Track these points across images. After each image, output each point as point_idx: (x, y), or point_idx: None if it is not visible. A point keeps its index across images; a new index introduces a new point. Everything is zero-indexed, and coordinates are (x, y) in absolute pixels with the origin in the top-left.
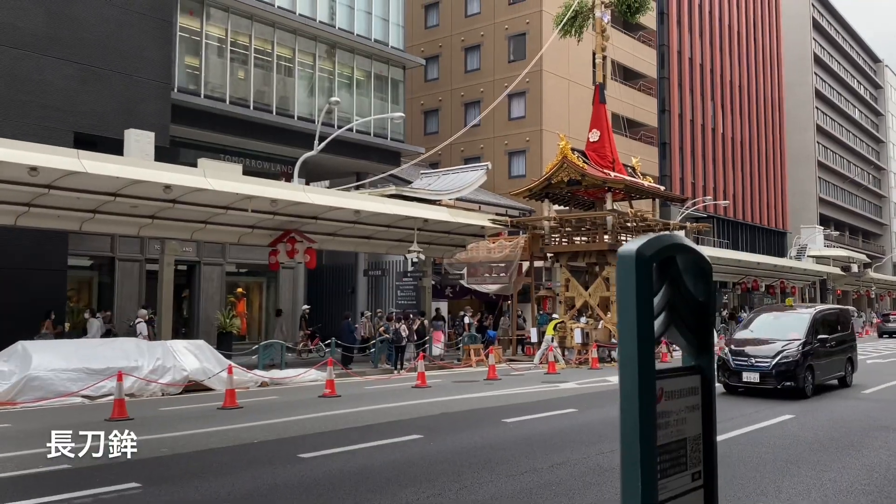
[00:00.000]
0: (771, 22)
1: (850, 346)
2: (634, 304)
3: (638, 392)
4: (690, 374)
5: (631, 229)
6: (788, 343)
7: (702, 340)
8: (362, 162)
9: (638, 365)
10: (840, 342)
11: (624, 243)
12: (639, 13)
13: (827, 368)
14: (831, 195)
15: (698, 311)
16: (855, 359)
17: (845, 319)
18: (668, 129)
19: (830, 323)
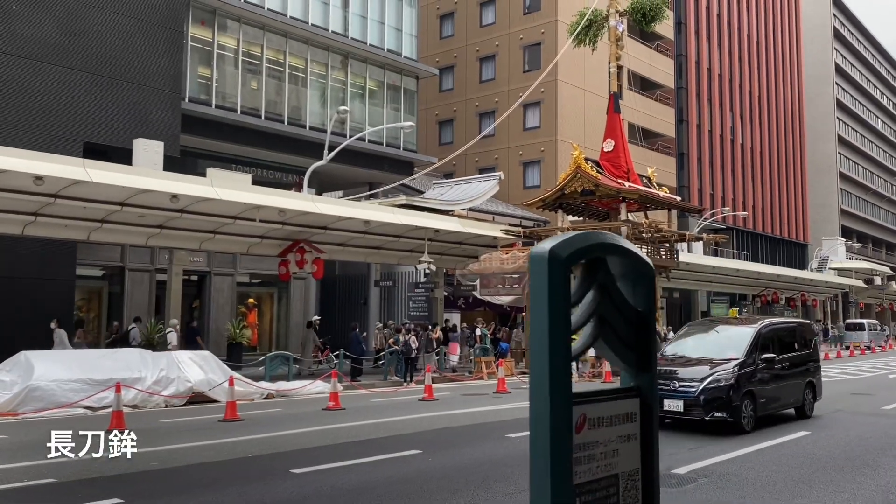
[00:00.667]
0: (791, 31)
1: (810, 369)
2: (547, 313)
3: (549, 419)
4: (626, 398)
5: (646, 240)
6: (723, 364)
7: (641, 357)
8: (375, 172)
9: (549, 386)
10: (797, 363)
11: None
12: (654, 22)
13: (776, 395)
14: (853, 206)
15: (636, 323)
16: (818, 383)
17: (805, 335)
18: (686, 139)
19: (783, 340)
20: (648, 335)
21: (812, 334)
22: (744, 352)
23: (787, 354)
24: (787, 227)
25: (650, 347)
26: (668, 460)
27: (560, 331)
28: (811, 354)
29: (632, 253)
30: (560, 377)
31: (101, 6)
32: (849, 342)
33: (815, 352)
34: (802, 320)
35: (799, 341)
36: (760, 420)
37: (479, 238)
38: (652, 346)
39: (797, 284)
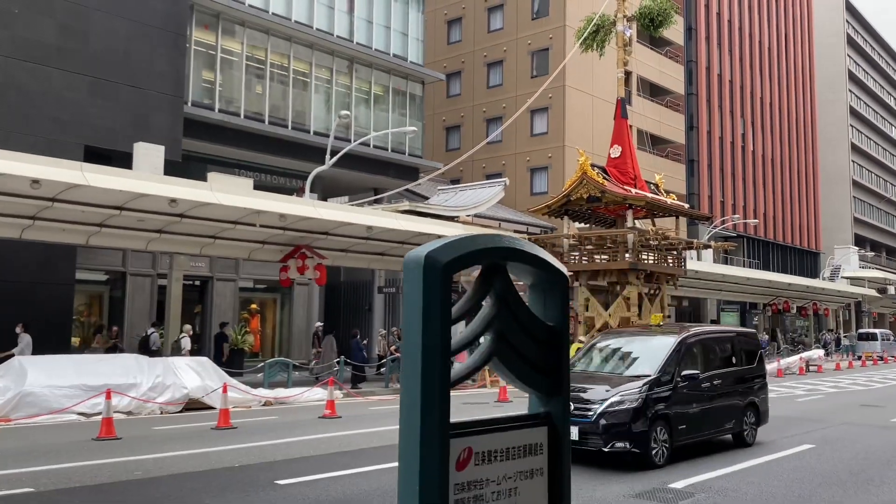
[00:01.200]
0: (803, 38)
1: (753, 387)
2: (420, 329)
3: (419, 454)
4: (529, 426)
5: (653, 248)
6: (632, 382)
7: (551, 379)
8: (380, 178)
9: (421, 414)
10: (734, 381)
11: (646, 262)
12: (662, 27)
13: (703, 420)
14: (867, 215)
15: (546, 340)
16: (763, 405)
17: (747, 347)
18: (696, 146)
19: (715, 352)
20: (560, 354)
21: (756, 346)
22: (658, 367)
23: (721, 370)
24: (799, 236)
25: (561, 368)
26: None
27: (436, 350)
28: (754, 370)
29: (538, 258)
30: (433, 404)
31: (103, 9)
32: (861, 352)
33: (759, 366)
34: (744, 329)
35: (738, 354)
36: (680, 451)
37: None
38: (564, 366)
39: (809, 293)
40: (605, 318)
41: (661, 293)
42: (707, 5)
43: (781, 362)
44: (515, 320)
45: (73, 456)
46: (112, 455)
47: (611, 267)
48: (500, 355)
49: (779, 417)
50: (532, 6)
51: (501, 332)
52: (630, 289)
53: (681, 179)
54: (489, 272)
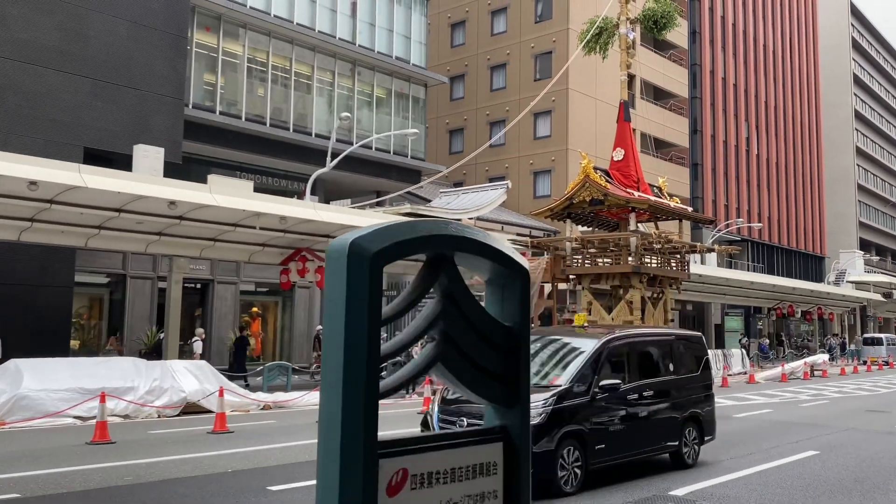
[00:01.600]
0: (808, 41)
1: (695, 398)
2: (343, 330)
3: (339, 476)
4: (480, 443)
5: (656, 251)
6: (535, 394)
7: (508, 387)
8: (382, 181)
9: (342, 429)
10: (670, 391)
11: (649, 266)
12: (665, 29)
13: (629, 438)
14: (872, 219)
15: (501, 342)
16: (708, 418)
17: (689, 353)
18: (700, 149)
19: (647, 358)
20: (518, 358)
21: (701, 351)
22: (570, 377)
23: (653, 379)
24: (804, 240)
25: (520, 374)
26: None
27: (361, 355)
28: (697, 378)
29: (491, 249)
30: (356, 418)
31: (103, 11)
32: (866, 357)
33: (703, 375)
34: (686, 331)
35: (678, 361)
36: (598, 474)
37: None
38: (523, 372)
39: (814, 298)
40: (608, 323)
41: (664, 297)
42: (711, 8)
43: (786, 367)
44: (465, 320)
45: (65, 460)
46: (105, 460)
47: (613, 270)
48: (445, 360)
49: (782, 423)
50: (535, 9)
51: (447, 333)
52: (633, 293)
53: (685, 183)
54: (433, 264)
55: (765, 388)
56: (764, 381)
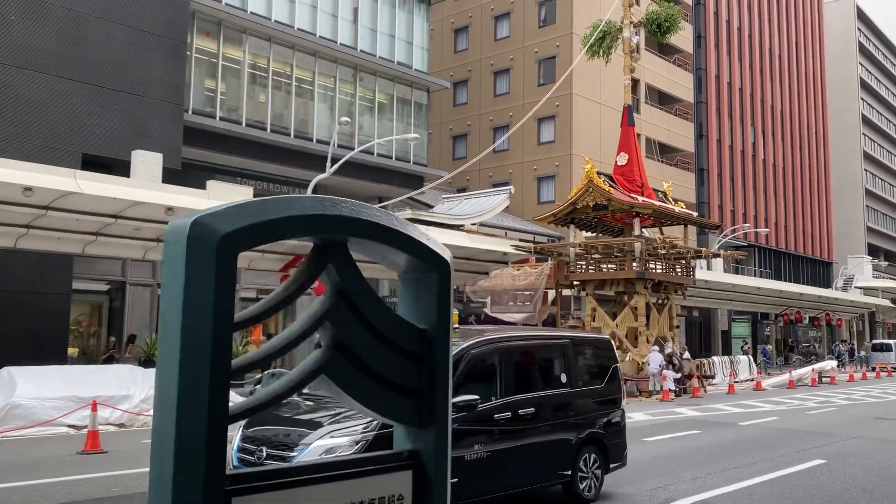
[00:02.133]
0: (814, 46)
1: (597, 416)
2: (179, 336)
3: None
4: (384, 472)
5: (661, 257)
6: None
7: (418, 404)
8: (384, 186)
9: (175, 460)
10: (561, 408)
11: (653, 272)
12: (669, 33)
13: (496, 469)
14: (880, 224)
15: (413, 349)
16: (613, 441)
17: (589, 361)
18: (706, 154)
19: (526, 368)
20: (435, 368)
21: (608, 358)
22: None
23: (537, 393)
24: (812, 245)
25: (436, 388)
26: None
27: (203, 368)
28: (601, 391)
29: (399, 234)
30: (196, 445)
31: (101, 16)
32: (875, 363)
33: (610, 387)
34: (589, 334)
35: (573, 370)
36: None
37: (489, 254)
38: (441, 385)
39: (821, 303)
40: (612, 328)
41: (669, 303)
42: (716, 13)
43: (793, 374)
44: (360, 321)
45: (54, 471)
46: (94, 470)
47: (618, 276)
48: (332, 371)
49: (788, 431)
50: (539, 14)
51: (336, 337)
52: (637, 298)
53: (690, 188)
54: (321, 252)
55: (771, 396)
56: (771, 388)
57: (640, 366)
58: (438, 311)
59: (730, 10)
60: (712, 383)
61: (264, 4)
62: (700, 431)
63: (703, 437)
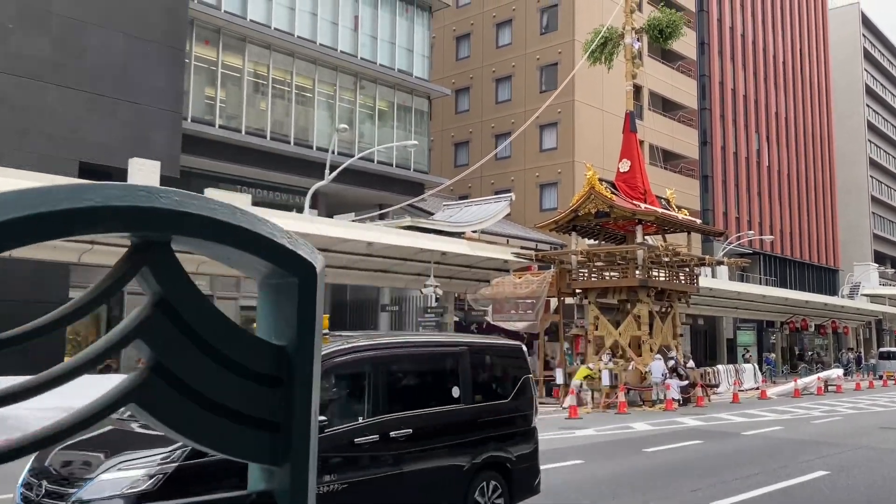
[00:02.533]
0: (818, 52)
1: (499, 437)
2: None
3: None
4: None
5: (664, 264)
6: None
7: (271, 435)
8: (385, 194)
9: None
10: (449, 427)
11: (656, 279)
12: (671, 38)
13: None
14: (887, 231)
15: (264, 370)
16: (521, 466)
17: (491, 371)
18: (710, 161)
19: (405, 381)
20: (294, 393)
21: (518, 367)
22: None
23: (416, 411)
24: (817, 252)
25: (294, 416)
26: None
27: None
28: (506, 407)
29: (247, 232)
30: None
31: (99, 24)
32: (882, 371)
33: (518, 402)
34: (495, 340)
35: (469, 382)
36: None
37: (490, 261)
38: (301, 412)
39: (827, 311)
40: (615, 337)
41: (672, 311)
42: (720, 19)
43: (799, 382)
44: (188, 337)
45: None
46: None
47: (620, 284)
48: (146, 398)
49: (792, 441)
50: (540, 21)
51: (153, 357)
52: (640, 306)
53: (695, 195)
54: (137, 253)
55: (776, 405)
56: (776, 396)
57: (643, 375)
58: (300, 324)
59: (733, 16)
60: (716, 392)
61: (264, 12)
62: (702, 442)
63: (705, 447)
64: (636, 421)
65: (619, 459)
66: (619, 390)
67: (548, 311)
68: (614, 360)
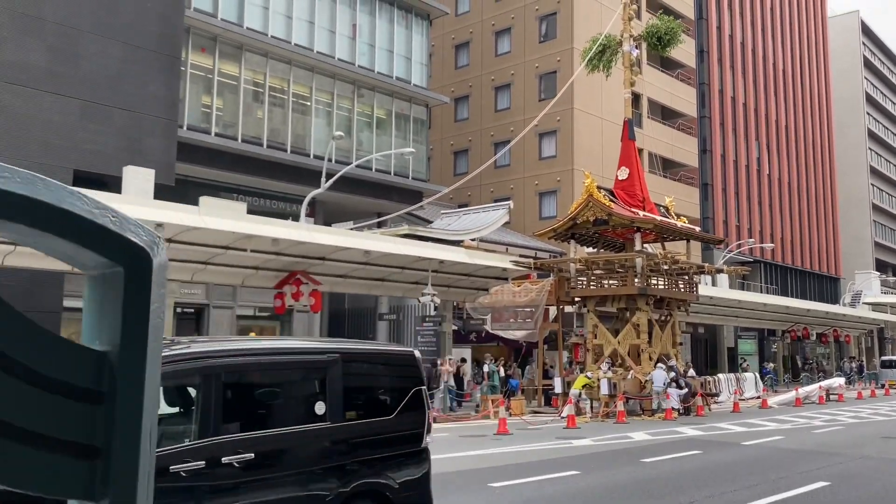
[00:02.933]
0: (818, 60)
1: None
2: None
3: None
4: None
5: (663, 272)
6: None
7: (86, 462)
8: (384, 202)
9: None
10: (310, 449)
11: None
12: (669, 46)
13: None
14: (888, 239)
15: (81, 381)
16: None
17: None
18: (710, 169)
19: (252, 395)
20: (114, 410)
21: (406, 378)
22: None
23: (262, 432)
24: (818, 261)
25: (118, 438)
26: None
27: None
28: (388, 425)
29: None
30: None
31: (95, 32)
32: (884, 380)
33: (406, 418)
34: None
35: (336, 396)
36: None
37: (488, 269)
38: (128, 434)
39: (829, 320)
40: (614, 346)
41: (672, 319)
42: (719, 27)
43: (800, 391)
44: None
45: None
46: None
47: (619, 292)
48: None
49: (793, 451)
50: (539, 29)
51: None
52: (639, 315)
53: (694, 203)
54: None
55: (777, 414)
56: (777, 405)
57: (643, 384)
58: (127, 325)
59: (733, 24)
60: (717, 401)
61: (261, 20)
62: (701, 452)
63: (704, 457)
64: (635, 431)
65: (615, 470)
66: (618, 399)
67: (547, 320)
68: (613, 368)
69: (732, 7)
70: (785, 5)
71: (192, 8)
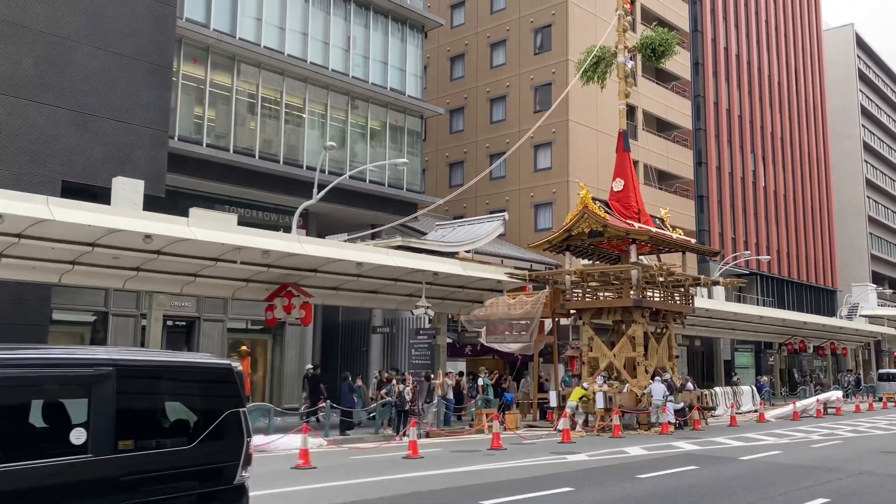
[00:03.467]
0: (814, 72)
1: (166, 502)
2: None
3: None
4: None
5: (659, 284)
6: None
7: None
8: (378, 214)
9: None
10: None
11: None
12: (664, 57)
13: None
14: (884, 252)
15: None
16: None
17: (151, 403)
18: (706, 181)
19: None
20: None
21: (215, 399)
22: None
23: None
24: (815, 273)
25: None
26: None
27: None
28: (184, 457)
29: None
30: None
31: (83, 42)
32: (881, 393)
33: (207, 449)
34: (164, 357)
35: (105, 421)
36: None
37: (483, 282)
38: None
39: (825, 332)
40: (610, 359)
41: (668, 332)
42: (714, 40)
43: (798, 405)
44: None
45: None
46: None
47: (615, 304)
48: None
49: (791, 466)
50: (535, 41)
51: None
52: (635, 327)
53: (690, 215)
54: None
55: (775, 428)
56: (775, 419)
57: (639, 397)
58: None
59: (727, 36)
60: (714, 415)
61: (253, 31)
62: (697, 467)
63: (700, 473)
64: (631, 445)
65: (610, 486)
66: (614, 413)
67: (542, 332)
68: (609, 381)
69: (727, 19)
70: (780, 18)
71: (184, 18)
